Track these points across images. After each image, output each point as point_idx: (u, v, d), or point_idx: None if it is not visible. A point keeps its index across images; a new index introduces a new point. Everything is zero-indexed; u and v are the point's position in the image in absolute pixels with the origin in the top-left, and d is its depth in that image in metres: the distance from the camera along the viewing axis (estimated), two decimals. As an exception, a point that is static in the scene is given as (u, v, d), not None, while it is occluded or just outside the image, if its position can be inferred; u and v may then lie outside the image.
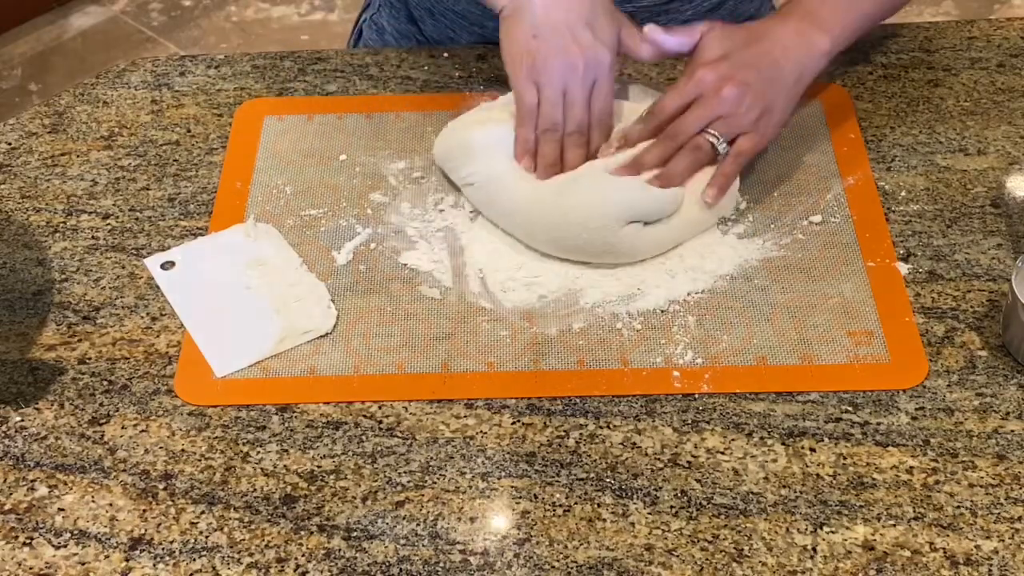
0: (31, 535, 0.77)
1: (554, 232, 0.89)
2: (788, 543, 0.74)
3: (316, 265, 0.92)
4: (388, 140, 1.02)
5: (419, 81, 1.08)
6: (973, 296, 0.88)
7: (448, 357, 0.85)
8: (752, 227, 0.93)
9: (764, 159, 0.98)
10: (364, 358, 0.86)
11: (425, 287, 0.90)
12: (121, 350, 0.87)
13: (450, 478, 0.78)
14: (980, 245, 0.91)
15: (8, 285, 0.92)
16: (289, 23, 2.70)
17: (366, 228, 0.95)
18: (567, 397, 0.83)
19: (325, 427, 0.82)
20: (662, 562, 0.73)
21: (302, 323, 0.88)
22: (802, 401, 0.82)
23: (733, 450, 0.79)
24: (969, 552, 0.73)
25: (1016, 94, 1.04)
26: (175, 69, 1.12)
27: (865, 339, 0.85)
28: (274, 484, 0.79)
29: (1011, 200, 0.95)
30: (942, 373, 0.83)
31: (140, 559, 0.75)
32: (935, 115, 1.02)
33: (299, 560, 0.74)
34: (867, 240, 0.92)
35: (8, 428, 0.83)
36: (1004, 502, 0.76)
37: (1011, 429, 0.80)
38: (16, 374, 0.86)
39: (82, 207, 0.98)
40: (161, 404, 0.84)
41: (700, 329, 0.86)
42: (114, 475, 0.80)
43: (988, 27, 1.11)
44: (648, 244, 0.90)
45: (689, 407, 0.82)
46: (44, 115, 1.07)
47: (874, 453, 0.78)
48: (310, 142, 1.03)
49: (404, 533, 0.75)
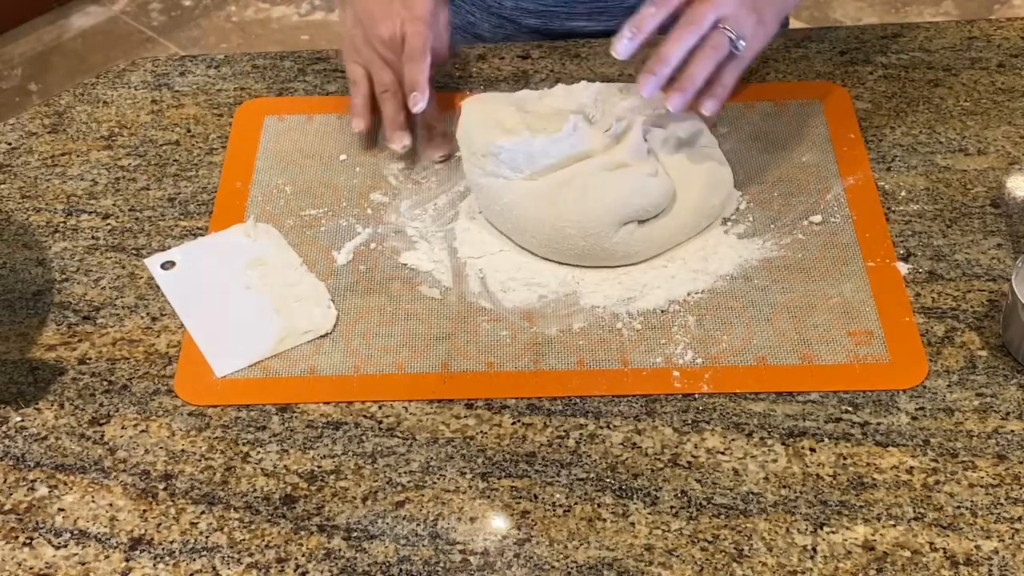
0: (31, 535, 0.77)
1: (553, 244, 0.89)
2: (788, 543, 0.74)
3: (316, 265, 0.92)
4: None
5: (419, 81, 1.08)
6: (973, 296, 0.88)
7: (448, 357, 0.85)
8: (752, 227, 0.93)
9: (764, 159, 0.98)
10: (364, 358, 0.86)
11: (425, 287, 0.90)
12: (121, 350, 0.87)
13: (450, 478, 0.78)
14: (980, 245, 0.91)
15: (8, 285, 0.93)
16: (289, 23, 2.71)
17: (366, 228, 0.95)
18: (567, 397, 0.83)
19: (325, 427, 0.82)
20: (662, 562, 0.73)
21: (302, 323, 0.88)
22: (802, 401, 0.82)
23: (733, 450, 0.79)
24: (969, 552, 0.73)
25: (1016, 94, 1.04)
26: (175, 69, 1.12)
27: (865, 339, 0.85)
28: (274, 484, 0.79)
29: (1011, 200, 0.95)
30: (942, 373, 0.83)
31: (140, 559, 0.75)
32: (935, 115, 1.02)
33: (299, 560, 0.74)
34: (867, 240, 0.92)
35: (8, 428, 0.83)
36: (1004, 502, 0.76)
37: (1011, 429, 0.80)
38: (16, 374, 0.86)
39: (82, 207, 0.98)
40: (161, 404, 0.84)
41: (700, 329, 0.86)
42: (114, 475, 0.80)
43: (988, 27, 1.11)
44: (645, 245, 0.90)
45: (689, 407, 0.82)
46: (44, 115, 1.07)
47: (874, 453, 0.78)
48: (310, 142, 1.03)
49: (404, 533, 0.75)
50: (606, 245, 0.89)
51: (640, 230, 0.89)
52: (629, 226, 0.89)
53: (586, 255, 0.89)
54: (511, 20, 1.18)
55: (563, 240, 0.89)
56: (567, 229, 0.88)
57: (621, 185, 0.89)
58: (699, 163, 0.92)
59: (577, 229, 0.88)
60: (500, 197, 0.91)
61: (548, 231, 0.89)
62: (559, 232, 0.89)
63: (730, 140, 0.98)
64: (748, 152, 0.99)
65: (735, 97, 1.04)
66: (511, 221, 0.92)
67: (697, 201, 0.91)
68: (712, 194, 0.92)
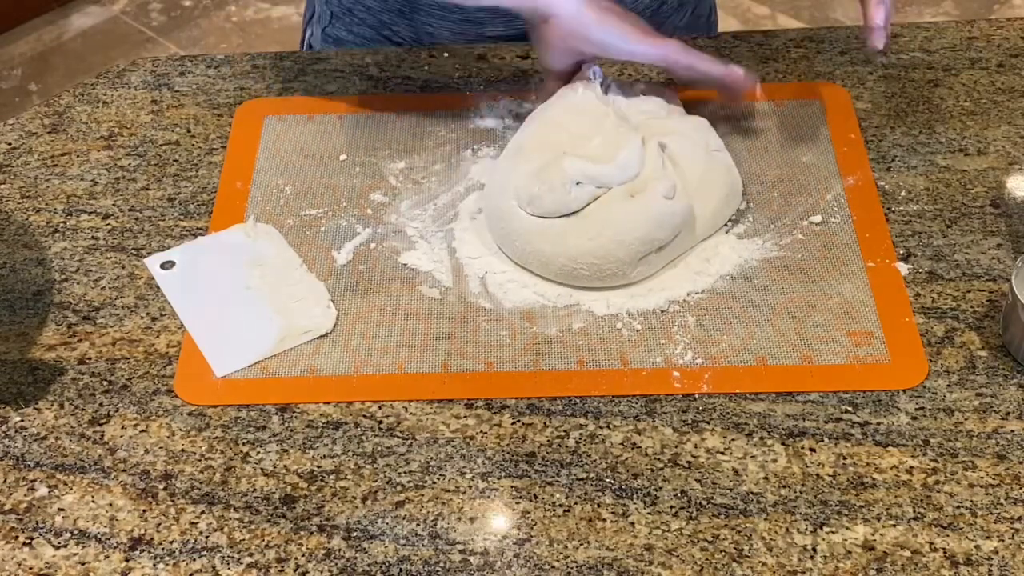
0: (31, 535, 0.77)
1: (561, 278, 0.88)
2: (788, 543, 0.74)
3: (316, 265, 0.92)
4: (388, 140, 1.02)
5: (419, 81, 1.08)
6: (973, 296, 0.88)
7: (448, 357, 0.85)
8: (752, 227, 0.93)
9: (764, 159, 0.98)
10: (364, 358, 0.86)
11: (425, 287, 0.90)
12: (121, 350, 0.87)
13: (450, 478, 0.78)
14: (980, 245, 0.91)
15: (8, 285, 0.93)
16: (289, 23, 2.71)
17: (366, 228, 0.95)
18: (567, 397, 0.83)
19: (325, 427, 0.82)
20: (662, 562, 0.73)
21: (302, 323, 0.88)
22: (802, 401, 0.82)
23: (733, 450, 0.79)
24: (969, 552, 0.73)
25: (1016, 94, 1.04)
26: (175, 69, 1.12)
27: (865, 339, 0.85)
28: (274, 484, 0.79)
29: (1011, 200, 0.95)
30: (942, 373, 0.83)
31: (140, 559, 0.75)
32: (935, 115, 1.02)
33: (299, 560, 0.74)
34: (867, 240, 0.92)
35: (8, 428, 0.83)
36: (1004, 502, 0.76)
37: (1011, 429, 0.80)
38: (16, 374, 0.86)
39: (82, 207, 0.98)
40: (161, 404, 0.84)
41: (700, 329, 0.86)
42: (114, 475, 0.80)
43: (988, 27, 1.11)
44: (659, 264, 0.89)
45: (689, 407, 0.82)
46: (44, 115, 1.07)
47: (874, 453, 0.78)
48: (310, 142, 1.03)
49: (404, 533, 0.75)
50: (621, 280, 0.88)
51: (657, 256, 0.88)
52: (647, 257, 0.87)
53: (597, 283, 0.88)
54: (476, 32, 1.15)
55: (575, 279, 0.88)
56: (580, 271, 0.87)
57: (641, 217, 0.86)
58: (715, 174, 0.91)
59: (592, 271, 0.87)
60: (509, 221, 0.89)
61: (557, 269, 0.88)
62: (570, 272, 0.87)
63: (730, 140, 0.98)
64: (748, 152, 0.99)
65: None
66: (515, 251, 0.90)
67: (714, 216, 0.91)
68: (726, 207, 0.92)
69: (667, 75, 1.00)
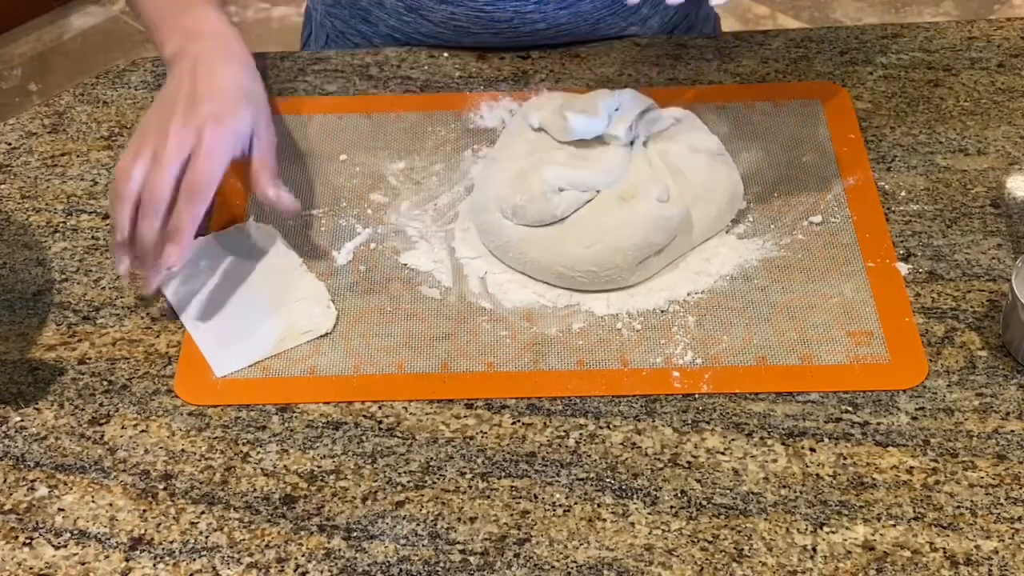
0: (31, 535, 0.77)
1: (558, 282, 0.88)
2: (788, 543, 0.74)
3: (316, 265, 0.92)
4: (388, 140, 1.02)
5: (419, 81, 1.08)
6: (973, 296, 0.88)
7: (448, 357, 0.85)
8: (752, 227, 0.93)
9: (764, 159, 0.98)
10: (364, 358, 0.86)
11: (425, 287, 0.90)
12: (121, 350, 0.87)
13: (450, 478, 0.78)
14: (980, 245, 0.91)
15: (8, 285, 0.93)
16: (289, 23, 2.70)
17: (366, 228, 0.95)
18: (567, 397, 0.83)
19: (325, 427, 0.82)
20: (662, 562, 0.73)
21: (302, 323, 0.88)
22: (802, 401, 0.82)
23: (733, 450, 0.79)
24: (969, 552, 0.73)
25: (1016, 94, 1.04)
26: (175, 69, 1.12)
27: (865, 339, 0.85)
28: (274, 484, 0.79)
29: (1011, 200, 0.95)
30: (942, 373, 0.83)
31: (140, 559, 0.75)
32: (935, 115, 1.02)
33: (299, 560, 0.74)
34: (867, 240, 0.92)
35: (8, 428, 0.83)
36: (1004, 502, 0.76)
37: (1011, 429, 0.80)
38: (16, 374, 0.86)
39: (82, 207, 0.98)
40: (161, 404, 0.84)
41: (700, 329, 0.86)
42: (114, 475, 0.80)
43: (988, 27, 1.11)
44: (658, 266, 0.89)
45: (689, 407, 0.82)
46: (44, 115, 1.07)
47: (874, 453, 0.78)
48: (310, 142, 1.03)
49: (404, 533, 0.75)
50: (620, 283, 0.88)
51: (656, 258, 0.88)
52: (646, 260, 0.87)
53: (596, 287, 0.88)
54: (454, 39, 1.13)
55: (573, 284, 0.88)
56: (578, 277, 0.87)
57: (637, 222, 0.86)
58: (717, 178, 0.91)
59: (590, 277, 0.87)
60: (499, 233, 0.89)
61: (555, 276, 0.88)
62: (568, 279, 0.87)
63: (730, 140, 0.98)
64: (748, 152, 0.99)
65: (735, 97, 1.04)
66: (511, 260, 0.90)
67: (716, 220, 0.91)
68: (728, 209, 0.92)
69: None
